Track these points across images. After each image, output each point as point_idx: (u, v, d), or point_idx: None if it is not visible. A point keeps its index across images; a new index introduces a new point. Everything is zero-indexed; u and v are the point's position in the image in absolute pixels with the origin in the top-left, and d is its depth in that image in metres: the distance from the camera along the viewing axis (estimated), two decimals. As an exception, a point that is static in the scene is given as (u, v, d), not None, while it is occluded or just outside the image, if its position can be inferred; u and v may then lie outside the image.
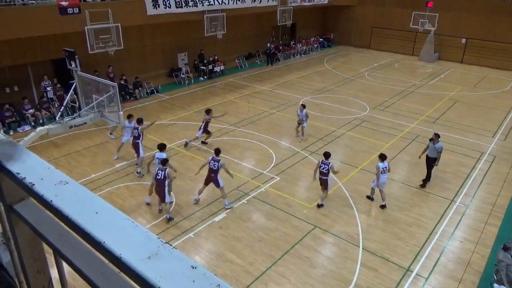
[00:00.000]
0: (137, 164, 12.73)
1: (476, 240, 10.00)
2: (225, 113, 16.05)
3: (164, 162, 10.37)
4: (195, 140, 14.67)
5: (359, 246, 9.66)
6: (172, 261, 0.80)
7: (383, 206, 11.20)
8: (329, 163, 10.94)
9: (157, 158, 10.97)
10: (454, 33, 29.02)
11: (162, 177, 10.07)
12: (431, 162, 12.24)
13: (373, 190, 11.50)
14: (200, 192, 11.22)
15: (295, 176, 12.89)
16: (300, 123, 15.40)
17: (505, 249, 8.38)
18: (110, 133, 15.37)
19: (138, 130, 12.69)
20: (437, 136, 12.04)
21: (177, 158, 13.84)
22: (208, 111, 14.60)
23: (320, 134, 16.05)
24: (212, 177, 10.88)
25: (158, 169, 10.17)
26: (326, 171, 10.93)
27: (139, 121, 12.83)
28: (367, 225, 10.52)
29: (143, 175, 12.53)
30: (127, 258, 0.80)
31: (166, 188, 10.11)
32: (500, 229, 10.47)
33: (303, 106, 15.52)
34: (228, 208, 10.96)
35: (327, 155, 11.17)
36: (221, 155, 11.15)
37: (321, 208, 11.12)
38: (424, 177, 12.52)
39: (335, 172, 11.24)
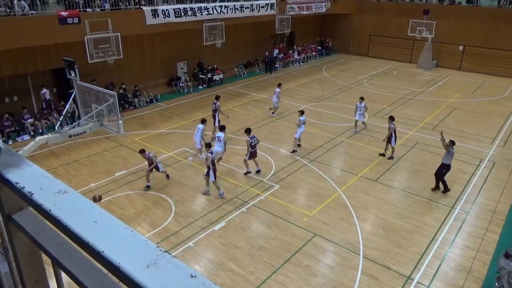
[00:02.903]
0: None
1: (477, 247, 9.96)
2: None
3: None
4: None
5: (359, 254, 9.61)
6: (171, 270, 0.80)
7: (293, 151, 14.96)
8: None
9: (217, 136, 13.25)
10: (452, 41, 29.21)
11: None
12: (446, 170, 12.25)
13: (296, 140, 15.11)
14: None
15: (294, 184, 12.87)
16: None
17: (507, 256, 8.34)
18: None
19: (216, 105, 16.13)
20: (452, 143, 12.21)
21: (176, 166, 13.83)
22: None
23: (319, 142, 16.06)
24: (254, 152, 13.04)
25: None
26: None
27: (216, 103, 16.28)
28: (368, 232, 10.48)
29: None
30: (126, 267, 0.80)
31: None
32: (501, 236, 10.43)
33: (362, 98, 17.06)
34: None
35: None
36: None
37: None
38: (435, 186, 12.57)
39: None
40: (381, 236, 10.34)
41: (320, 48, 34.16)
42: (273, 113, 19.25)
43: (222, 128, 13.46)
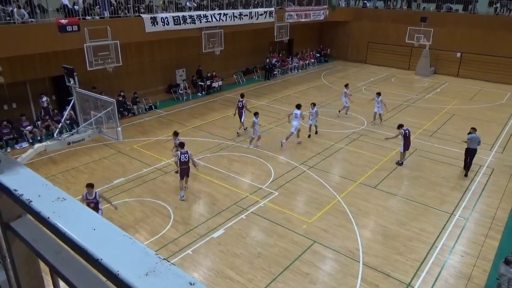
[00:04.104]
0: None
1: (477, 254, 9.93)
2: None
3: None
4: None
5: (359, 261, 9.57)
6: (169, 278, 0.80)
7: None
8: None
9: (294, 113, 16.11)
10: (449, 48, 29.38)
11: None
12: (472, 155, 13.89)
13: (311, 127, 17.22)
14: (181, 188, 12.18)
15: (293, 190, 12.85)
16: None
17: (507, 262, 8.32)
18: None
19: (242, 102, 17.76)
20: (474, 130, 13.95)
21: (173, 173, 13.80)
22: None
23: (318, 149, 16.06)
24: (185, 169, 12.00)
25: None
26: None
27: (242, 101, 17.92)
28: (367, 239, 10.44)
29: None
30: (125, 275, 0.79)
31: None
32: (501, 242, 10.40)
33: (379, 93, 18.65)
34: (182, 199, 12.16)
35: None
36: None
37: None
38: (466, 168, 14.10)
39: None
40: (380, 243, 10.30)
41: (318, 55, 34.32)
42: (346, 113, 20.16)
43: (298, 107, 16.36)
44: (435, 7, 30.84)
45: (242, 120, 17.59)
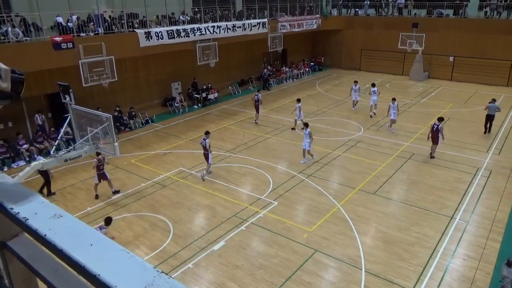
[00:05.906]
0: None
1: (479, 257, 9.89)
2: None
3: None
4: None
5: (361, 269, 9.51)
6: (168, 291, 0.79)
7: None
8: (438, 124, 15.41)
9: (373, 91, 20.57)
10: (442, 52, 29.66)
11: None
12: (491, 119, 18.06)
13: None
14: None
15: (293, 200, 12.81)
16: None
17: (509, 264, 8.29)
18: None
19: (258, 96, 20.31)
20: (493, 100, 17.97)
21: (173, 187, 13.76)
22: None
23: (316, 157, 16.05)
24: (204, 154, 14.16)
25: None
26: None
27: (258, 94, 20.66)
28: (368, 246, 10.39)
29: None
30: (123, 290, 0.79)
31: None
32: (502, 244, 10.37)
33: (394, 99, 18.78)
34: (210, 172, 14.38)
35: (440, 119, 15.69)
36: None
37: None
38: (486, 130, 18.26)
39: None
40: (382, 249, 10.25)
41: (312, 63, 34.55)
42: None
43: (374, 85, 20.64)
44: (426, 13, 31.21)
45: (259, 112, 20.30)
